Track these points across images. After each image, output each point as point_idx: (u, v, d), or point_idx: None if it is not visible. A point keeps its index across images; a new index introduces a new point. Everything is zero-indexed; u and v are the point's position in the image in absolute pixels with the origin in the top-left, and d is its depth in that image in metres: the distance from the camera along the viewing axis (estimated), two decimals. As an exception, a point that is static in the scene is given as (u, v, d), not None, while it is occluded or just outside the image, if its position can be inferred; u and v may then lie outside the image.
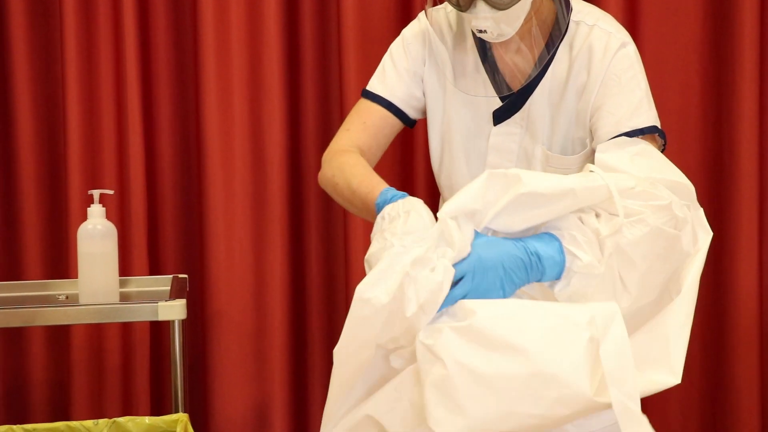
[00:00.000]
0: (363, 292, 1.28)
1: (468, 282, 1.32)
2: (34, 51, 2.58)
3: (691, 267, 1.46)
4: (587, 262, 1.36)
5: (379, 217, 1.41)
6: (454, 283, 1.32)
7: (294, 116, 2.61)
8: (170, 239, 2.63)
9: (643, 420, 1.26)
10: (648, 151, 1.57)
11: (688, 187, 1.51)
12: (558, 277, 1.37)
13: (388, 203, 1.44)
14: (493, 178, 1.35)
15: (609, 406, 1.24)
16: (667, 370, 1.36)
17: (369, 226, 2.51)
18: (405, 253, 1.29)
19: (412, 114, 1.75)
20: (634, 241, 1.38)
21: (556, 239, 1.38)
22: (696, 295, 1.46)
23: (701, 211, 1.53)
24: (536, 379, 1.25)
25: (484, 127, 1.69)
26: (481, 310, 1.28)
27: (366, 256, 1.37)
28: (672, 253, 1.44)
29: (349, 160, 1.64)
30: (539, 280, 1.38)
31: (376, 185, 1.52)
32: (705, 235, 1.51)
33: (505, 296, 1.35)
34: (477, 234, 1.36)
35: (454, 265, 1.31)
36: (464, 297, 1.32)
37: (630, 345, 1.27)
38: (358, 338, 1.31)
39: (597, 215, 1.40)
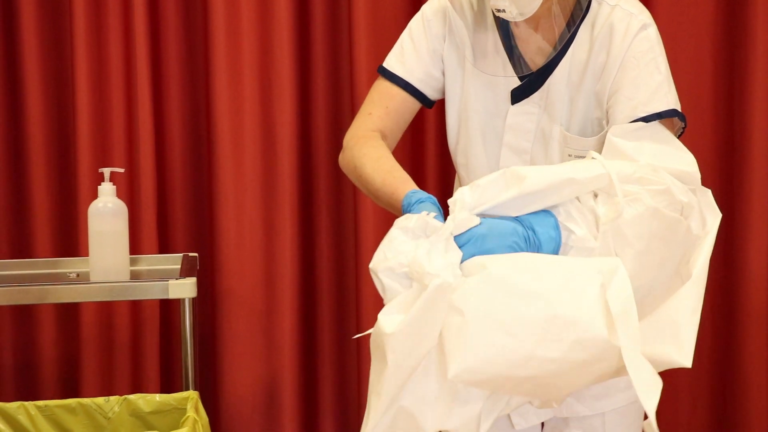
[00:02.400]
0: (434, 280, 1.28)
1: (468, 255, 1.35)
2: (44, 28, 2.58)
3: (701, 251, 1.46)
4: (581, 235, 1.38)
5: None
6: None
7: (304, 95, 2.61)
8: (180, 217, 2.64)
9: (646, 363, 1.28)
10: (659, 137, 1.56)
11: (692, 175, 1.52)
12: (555, 252, 1.39)
13: (411, 207, 1.44)
14: (502, 177, 1.38)
15: (619, 348, 1.26)
16: (678, 353, 1.36)
17: (378, 206, 2.52)
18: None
19: (432, 95, 1.75)
20: (630, 219, 1.39)
21: (552, 215, 1.39)
22: (706, 279, 1.46)
23: (709, 192, 1.54)
24: (555, 323, 1.26)
25: (502, 106, 1.68)
26: (494, 262, 1.29)
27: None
28: (674, 236, 1.45)
29: (374, 152, 1.64)
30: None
31: (400, 184, 1.53)
32: (713, 216, 1.51)
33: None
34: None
35: (455, 239, 1.33)
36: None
37: (636, 308, 1.29)
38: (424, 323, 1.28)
39: (595, 195, 1.42)
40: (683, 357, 1.36)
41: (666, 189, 1.44)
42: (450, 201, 1.38)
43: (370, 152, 1.64)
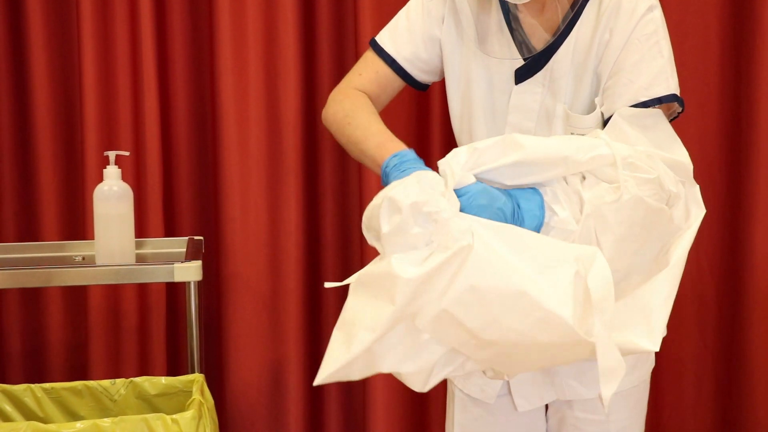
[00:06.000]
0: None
1: None
2: (51, 12, 2.58)
3: (681, 241, 1.50)
4: (563, 218, 1.41)
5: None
6: None
7: (309, 78, 2.61)
8: (186, 201, 2.64)
9: (615, 349, 1.34)
10: (657, 126, 1.57)
11: (686, 166, 1.54)
12: (537, 231, 1.42)
13: (392, 174, 1.47)
14: (501, 143, 1.41)
15: (584, 339, 1.31)
16: (646, 337, 1.41)
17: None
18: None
19: (419, 76, 1.74)
20: (613, 206, 1.42)
21: (539, 194, 1.42)
22: (682, 269, 1.49)
23: (697, 187, 1.56)
24: (523, 299, 1.31)
25: (506, 86, 1.67)
26: (482, 228, 1.32)
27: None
28: (656, 225, 1.48)
29: (365, 105, 1.67)
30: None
31: (393, 141, 1.55)
32: (698, 210, 1.55)
33: None
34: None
35: None
36: None
37: (613, 294, 1.34)
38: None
39: (582, 177, 1.45)
40: (652, 342, 1.41)
41: (655, 178, 1.46)
42: (444, 159, 1.41)
43: (361, 104, 1.67)
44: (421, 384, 1.39)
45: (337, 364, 1.32)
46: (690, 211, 1.54)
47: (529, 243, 1.34)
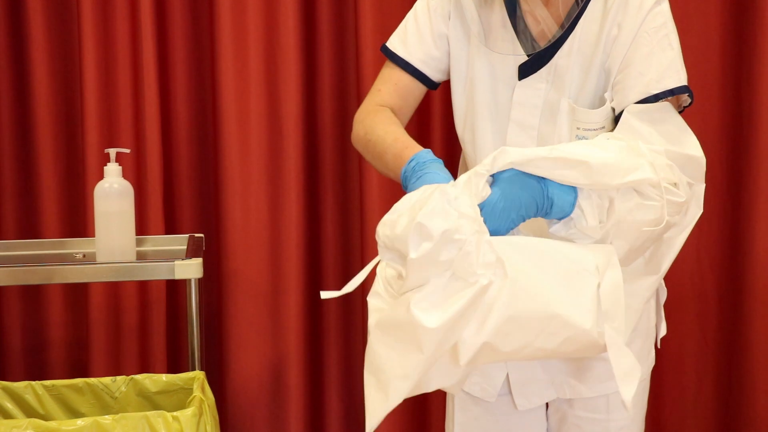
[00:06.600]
0: None
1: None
2: (51, 8, 2.57)
3: (673, 246, 1.56)
4: (591, 225, 1.40)
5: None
6: None
7: (310, 76, 2.60)
8: (186, 198, 2.64)
9: (628, 352, 1.37)
10: (667, 119, 1.57)
11: (700, 162, 1.55)
12: (561, 218, 1.42)
13: (410, 180, 1.47)
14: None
15: (600, 343, 1.35)
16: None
17: (384, 185, 2.52)
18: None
19: (434, 75, 1.74)
20: (638, 222, 1.43)
21: (575, 191, 1.40)
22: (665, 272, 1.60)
23: (703, 186, 1.58)
24: (554, 321, 1.32)
25: (509, 82, 1.67)
26: (509, 258, 1.31)
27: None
28: (661, 235, 1.52)
29: (383, 118, 1.67)
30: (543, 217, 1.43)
31: (408, 146, 1.56)
32: (696, 210, 1.57)
33: (512, 223, 1.39)
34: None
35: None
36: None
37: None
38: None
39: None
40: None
41: (684, 202, 1.48)
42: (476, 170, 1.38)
43: (380, 118, 1.67)
44: (457, 390, 1.45)
45: (381, 413, 1.32)
46: (689, 209, 1.54)
47: (552, 255, 1.35)
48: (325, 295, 1.42)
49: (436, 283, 1.29)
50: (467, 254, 1.28)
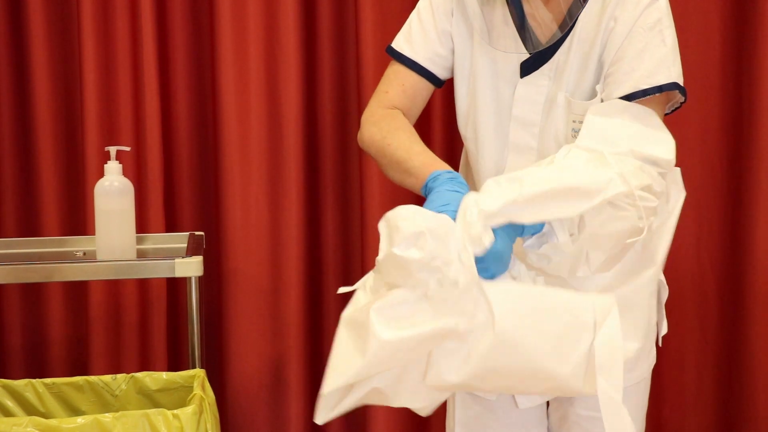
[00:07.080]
0: None
1: None
2: (51, 7, 2.57)
3: (664, 235, 1.53)
4: (562, 241, 1.38)
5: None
6: None
7: (310, 75, 2.60)
8: (187, 196, 2.64)
9: (623, 410, 1.31)
10: (644, 117, 1.54)
11: (669, 163, 1.52)
12: (535, 233, 1.40)
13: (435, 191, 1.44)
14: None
15: (593, 393, 1.31)
16: (632, 338, 1.47)
17: (384, 184, 2.52)
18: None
19: (440, 73, 1.74)
20: (613, 232, 1.41)
21: None
22: (665, 261, 1.55)
23: (678, 170, 1.57)
24: (538, 374, 1.31)
25: (511, 79, 1.67)
26: (500, 311, 1.27)
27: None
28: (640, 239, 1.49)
29: (403, 126, 1.66)
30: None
31: (429, 163, 1.53)
32: (678, 194, 1.55)
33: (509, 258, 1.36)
34: None
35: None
36: None
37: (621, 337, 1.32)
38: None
39: None
40: (637, 340, 1.49)
41: (656, 207, 1.45)
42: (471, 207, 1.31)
43: (398, 125, 1.66)
44: (427, 412, 1.37)
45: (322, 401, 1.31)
46: (670, 194, 1.52)
47: (549, 308, 1.31)
48: (342, 289, 1.40)
49: (406, 297, 1.24)
50: (452, 285, 1.23)
